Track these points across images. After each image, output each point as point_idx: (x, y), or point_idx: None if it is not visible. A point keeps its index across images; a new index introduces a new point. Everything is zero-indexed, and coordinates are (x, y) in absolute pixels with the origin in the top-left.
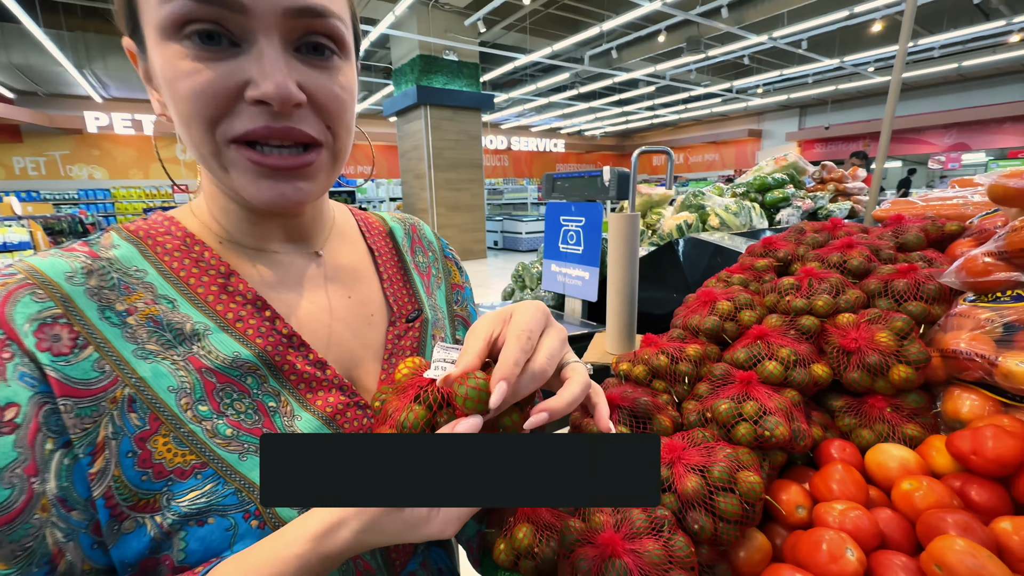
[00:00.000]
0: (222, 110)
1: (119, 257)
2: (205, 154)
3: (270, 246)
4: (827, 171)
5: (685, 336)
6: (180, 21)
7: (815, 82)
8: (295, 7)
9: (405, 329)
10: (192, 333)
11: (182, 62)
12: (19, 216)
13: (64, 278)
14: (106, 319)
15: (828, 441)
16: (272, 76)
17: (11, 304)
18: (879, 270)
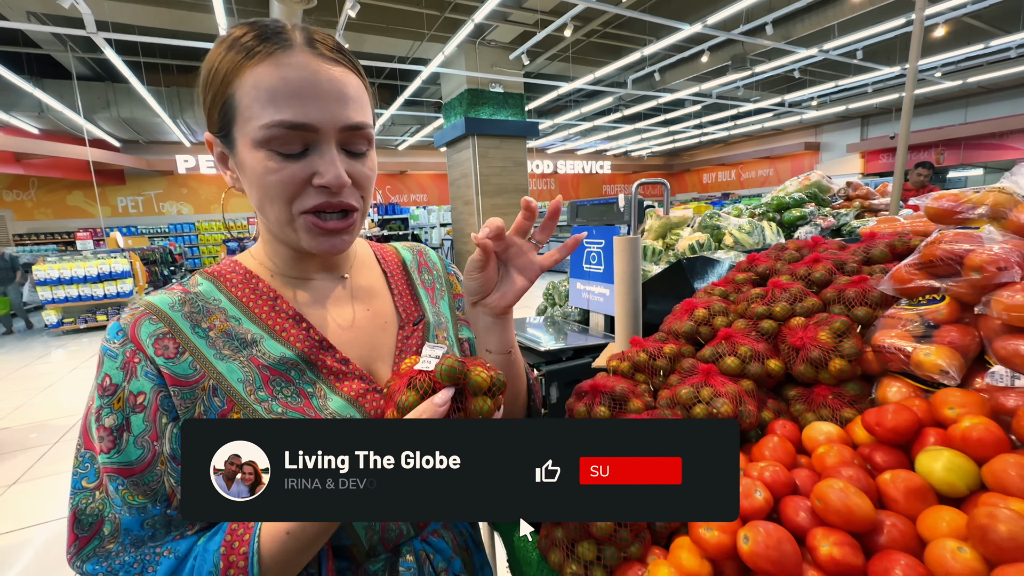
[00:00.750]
0: (296, 193)
1: (202, 292)
2: (282, 221)
3: (308, 275)
4: (853, 188)
5: (666, 338)
6: (271, 139)
7: (876, 91)
8: (347, 125)
9: (411, 331)
10: (252, 341)
11: (270, 163)
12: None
13: (168, 307)
14: (195, 333)
15: (775, 421)
16: (331, 171)
17: (138, 327)
18: (837, 280)
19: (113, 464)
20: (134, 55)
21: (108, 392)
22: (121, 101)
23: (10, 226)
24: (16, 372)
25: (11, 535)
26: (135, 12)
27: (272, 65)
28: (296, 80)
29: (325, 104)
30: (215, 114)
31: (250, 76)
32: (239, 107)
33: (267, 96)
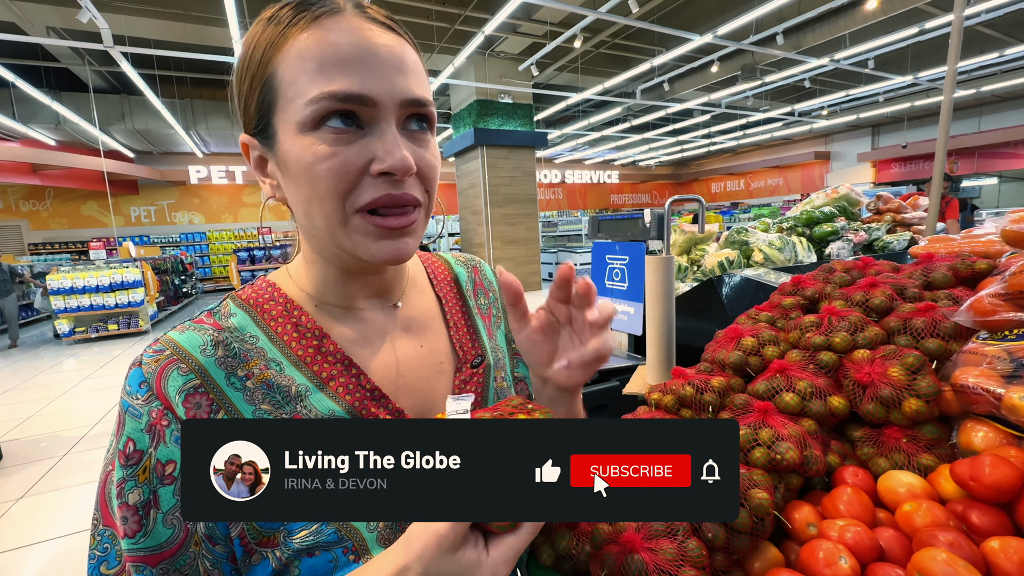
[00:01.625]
0: (352, 183)
1: (236, 325)
2: (334, 223)
3: (356, 303)
4: (883, 201)
5: (712, 369)
6: (321, 116)
7: (887, 100)
8: (408, 98)
9: (470, 375)
10: (296, 395)
11: (320, 147)
12: (134, 258)
13: (199, 351)
14: (231, 384)
15: (843, 467)
16: (393, 152)
17: (164, 380)
18: (900, 308)
19: (139, 551)
20: (149, 68)
21: (132, 461)
22: (136, 113)
23: (26, 235)
24: (27, 382)
25: (17, 552)
26: (151, 26)
27: (319, 29)
28: (348, 46)
29: (383, 73)
30: (252, 103)
31: (293, 46)
32: (280, 85)
33: (314, 66)
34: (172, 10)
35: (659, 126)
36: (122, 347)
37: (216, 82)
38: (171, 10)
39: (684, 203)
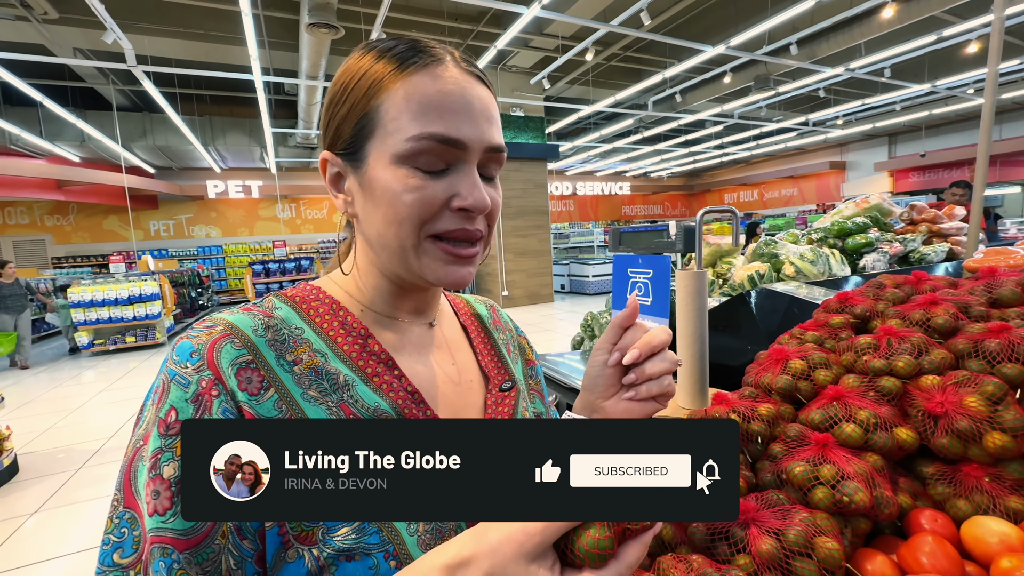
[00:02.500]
0: (432, 214)
1: (283, 316)
2: (407, 246)
3: (399, 315)
4: (917, 211)
5: (757, 394)
6: (417, 153)
7: (904, 109)
8: (492, 145)
9: (501, 397)
10: (344, 384)
11: (411, 180)
12: (152, 272)
13: (251, 330)
14: (281, 366)
15: (919, 510)
16: (474, 192)
17: (217, 351)
18: (968, 329)
19: (168, 532)
20: (170, 86)
21: (172, 431)
22: (157, 130)
23: (49, 249)
24: (46, 394)
25: (31, 568)
26: (172, 46)
27: (428, 76)
28: (452, 94)
29: (476, 122)
30: (348, 128)
31: (403, 87)
32: (383, 119)
33: (420, 108)
34: (193, 30)
35: (671, 137)
36: (139, 359)
37: (234, 99)
38: (192, 30)
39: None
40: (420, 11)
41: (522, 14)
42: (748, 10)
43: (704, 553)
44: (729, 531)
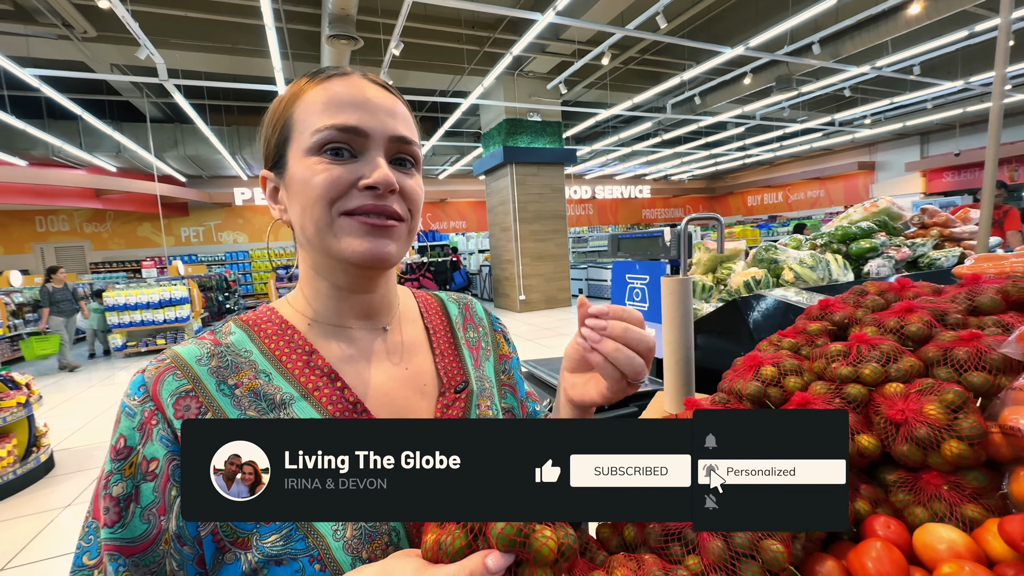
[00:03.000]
0: (341, 193)
1: (234, 342)
2: (322, 226)
3: (347, 322)
4: (928, 215)
5: (728, 400)
6: (323, 143)
7: (936, 106)
8: (396, 135)
9: (453, 399)
10: (281, 402)
11: (319, 165)
12: (182, 276)
13: (195, 360)
14: (220, 391)
15: (874, 517)
16: (379, 171)
17: (160, 384)
18: (939, 337)
19: (115, 540)
20: (200, 98)
21: (121, 455)
22: (187, 140)
23: (88, 255)
24: (81, 394)
25: (64, 559)
26: (201, 60)
27: (328, 84)
28: (349, 94)
29: (376, 115)
30: (272, 142)
31: (310, 94)
32: (294, 125)
33: (321, 107)
34: (220, 44)
35: (691, 140)
36: None
37: (259, 109)
38: (220, 44)
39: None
40: (437, 20)
41: (537, 20)
42: (768, 10)
43: (658, 553)
44: (682, 532)
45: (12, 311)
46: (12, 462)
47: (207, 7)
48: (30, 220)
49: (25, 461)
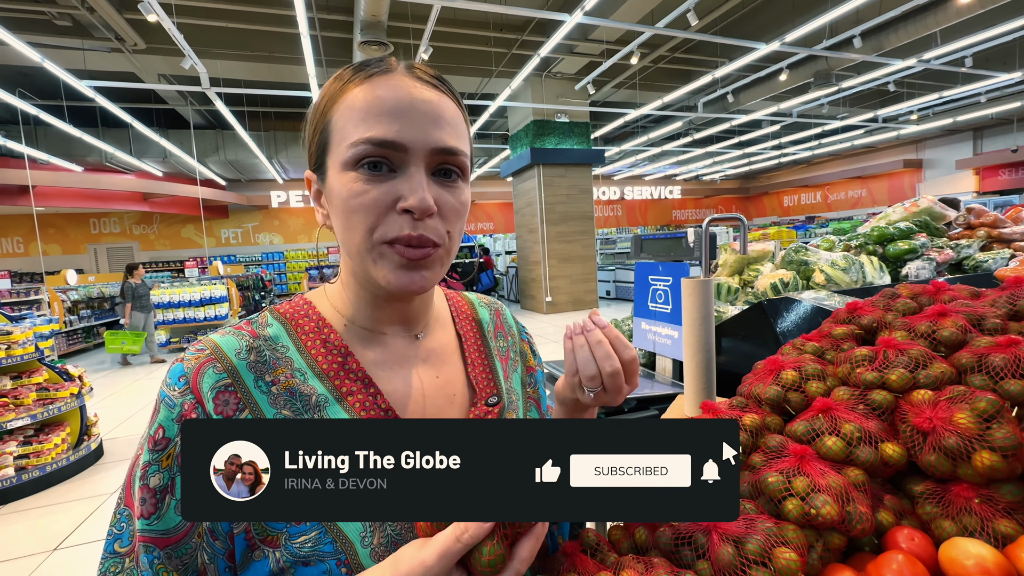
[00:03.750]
0: (379, 219)
1: (272, 335)
2: (362, 251)
3: (382, 328)
4: (975, 214)
5: (747, 404)
6: (359, 158)
7: (990, 100)
8: (439, 147)
9: (485, 412)
10: (316, 404)
11: (356, 184)
12: (221, 276)
13: (234, 354)
14: (258, 387)
15: (897, 528)
16: (416, 193)
17: (200, 376)
18: (975, 342)
19: (150, 532)
20: (239, 105)
21: (160, 446)
22: (228, 145)
23: (136, 256)
24: (128, 387)
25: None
26: (241, 68)
27: (368, 86)
28: (389, 99)
29: (418, 124)
30: (313, 144)
31: (346, 98)
32: (333, 131)
33: (360, 115)
34: (259, 52)
35: (724, 139)
36: None
37: (295, 115)
38: (258, 52)
39: (727, 222)
40: (466, 23)
41: (565, 21)
42: (806, 4)
43: (668, 557)
44: (692, 536)
45: (68, 308)
46: (65, 449)
47: (246, 18)
48: (85, 222)
49: (77, 449)
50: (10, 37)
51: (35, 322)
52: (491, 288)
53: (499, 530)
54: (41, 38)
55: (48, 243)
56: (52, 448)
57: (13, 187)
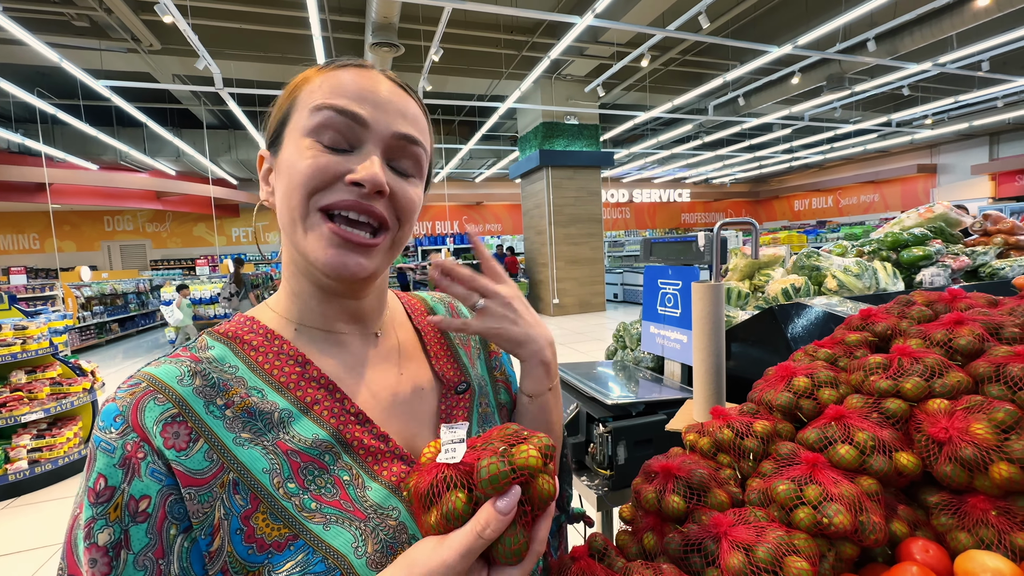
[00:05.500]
0: (323, 185)
1: (215, 356)
2: (296, 217)
3: (336, 327)
4: (992, 221)
5: (757, 411)
6: (320, 125)
7: (1007, 105)
8: (399, 133)
9: (456, 400)
10: (279, 421)
11: (310, 150)
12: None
13: (176, 382)
14: (210, 413)
15: (912, 539)
16: (370, 168)
17: (140, 411)
18: (993, 351)
19: None
20: (251, 105)
21: (103, 498)
22: (240, 145)
23: (149, 253)
24: None
25: None
26: (253, 69)
27: (347, 72)
28: (359, 85)
29: (382, 109)
30: (273, 123)
31: (320, 78)
32: (298, 103)
33: (327, 89)
34: (271, 53)
35: (734, 142)
36: None
37: None
38: (270, 54)
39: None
40: (476, 25)
41: (576, 23)
42: (819, 6)
43: (677, 564)
44: (702, 543)
45: (82, 304)
46: (77, 443)
47: (259, 19)
48: (99, 220)
49: (88, 443)
50: (29, 37)
51: (50, 317)
52: None
53: (520, 518)
54: (59, 38)
55: (63, 240)
56: (64, 442)
57: (30, 184)
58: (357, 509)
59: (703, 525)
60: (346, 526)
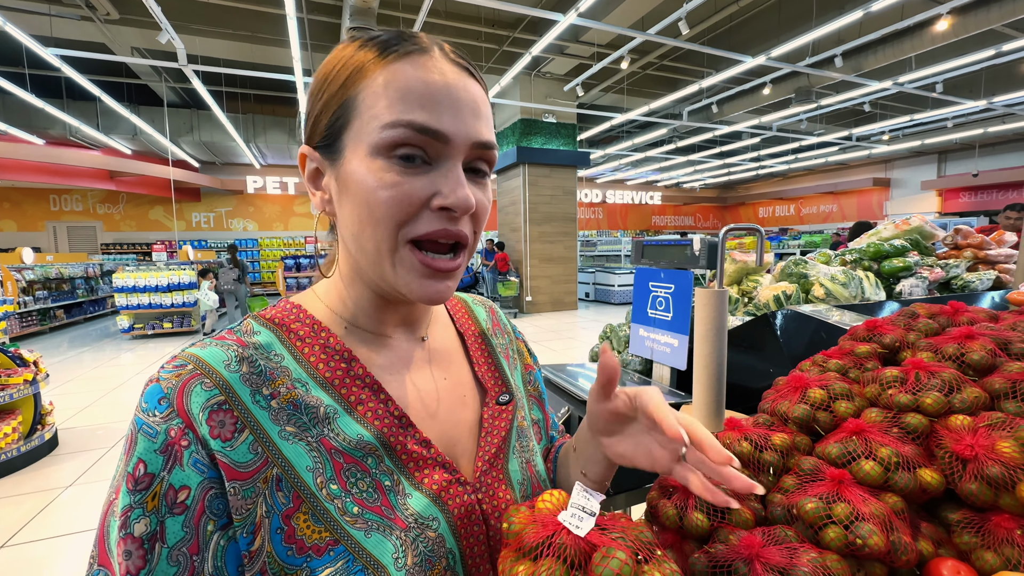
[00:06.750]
0: (410, 215)
1: (262, 343)
2: (383, 249)
3: (386, 331)
4: (962, 235)
5: (772, 423)
6: (395, 144)
7: (956, 125)
8: (479, 141)
9: (499, 411)
10: (324, 416)
11: (387, 175)
12: (192, 261)
13: (223, 366)
14: (256, 403)
15: (940, 560)
16: (457, 190)
17: (187, 395)
18: (1006, 367)
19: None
20: (217, 85)
21: (141, 485)
22: (203, 126)
23: (99, 236)
24: (88, 373)
25: (65, 539)
26: (221, 46)
27: (410, 64)
28: (436, 84)
29: (462, 115)
30: (325, 120)
31: (382, 74)
32: (360, 107)
33: (399, 94)
34: (241, 31)
35: (705, 148)
36: (175, 344)
37: (276, 99)
38: (240, 31)
39: (761, 206)
40: (458, 16)
41: (558, 21)
42: (792, 21)
43: None
44: (732, 565)
45: (23, 288)
46: (16, 439)
47: None
48: (44, 198)
49: (29, 439)
50: None
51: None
52: (471, 285)
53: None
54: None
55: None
56: (2, 437)
57: None
58: (398, 517)
59: (731, 546)
60: (387, 535)
